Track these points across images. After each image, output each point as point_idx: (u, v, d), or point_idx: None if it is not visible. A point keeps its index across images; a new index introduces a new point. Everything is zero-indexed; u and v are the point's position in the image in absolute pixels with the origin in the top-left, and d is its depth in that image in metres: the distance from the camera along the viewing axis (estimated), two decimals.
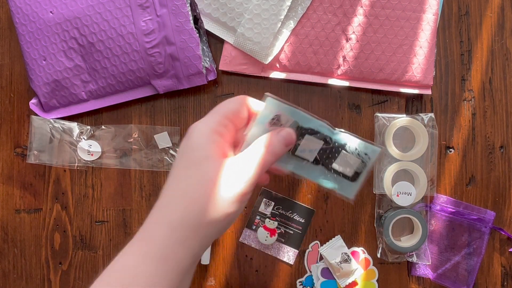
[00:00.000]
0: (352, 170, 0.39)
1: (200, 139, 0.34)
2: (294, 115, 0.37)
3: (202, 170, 0.33)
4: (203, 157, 0.34)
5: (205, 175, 0.33)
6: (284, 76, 0.59)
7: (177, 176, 0.34)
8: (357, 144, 0.38)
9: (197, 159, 0.34)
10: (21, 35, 0.57)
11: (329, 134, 0.38)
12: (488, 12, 0.61)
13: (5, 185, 0.60)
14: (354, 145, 0.38)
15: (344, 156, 0.38)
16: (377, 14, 0.58)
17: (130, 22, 0.55)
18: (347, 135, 0.38)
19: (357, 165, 0.39)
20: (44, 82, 0.57)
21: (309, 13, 0.58)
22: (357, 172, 0.39)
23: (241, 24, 0.57)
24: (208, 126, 0.35)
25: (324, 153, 0.38)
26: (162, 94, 0.60)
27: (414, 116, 0.59)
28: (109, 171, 0.60)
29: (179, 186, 0.34)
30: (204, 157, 0.34)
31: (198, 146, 0.34)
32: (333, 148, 0.38)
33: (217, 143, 0.35)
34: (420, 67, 0.59)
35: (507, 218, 0.61)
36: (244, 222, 0.60)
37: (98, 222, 0.60)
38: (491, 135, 0.61)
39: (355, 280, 0.60)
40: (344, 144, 0.38)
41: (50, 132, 0.59)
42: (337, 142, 0.38)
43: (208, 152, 0.34)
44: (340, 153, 0.38)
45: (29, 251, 0.60)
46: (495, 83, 0.61)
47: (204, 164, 0.34)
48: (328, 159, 0.39)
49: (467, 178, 0.61)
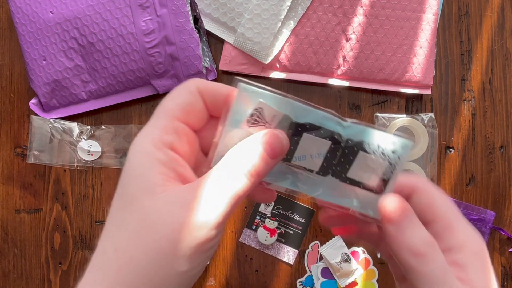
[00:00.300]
0: (377, 178, 0.27)
1: (137, 162, 0.24)
2: (283, 107, 0.26)
3: (141, 211, 0.23)
4: (142, 190, 0.24)
5: (146, 218, 0.23)
6: (284, 76, 0.59)
7: (110, 221, 0.25)
8: (380, 140, 0.26)
9: (134, 193, 0.24)
10: (21, 35, 0.57)
11: (338, 128, 0.26)
12: (488, 12, 0.61)
13: (5, 185, 0.60)
14: (375, 142, 0.26)
15: (363, 158, 0.27)
16: (377, 14, 0.58)
17: (130, 22, 0.55)
18: (363, 127, 0.26)
19: (383, 170, 0.27)
20: (44, 82, 0.57)
21: (309, 13, 0.58)
22: (384, 179, 0.27)
23: (241, 24, 0.57)
24: (148, 139, 0.25)
25: (333, 158, 0.27)
26: (162, 94, 0.60)
27: (414, 116, 0.59)
28: (109, 171, 0.60)
29: (112, 238, 0.24)
30: (144, 189, 0.24)
31: (135, 172, 0.24)
32: (346, 148, 0.27)
33: (164, 162, 0.24)
34: (420, 67, 0.59)
35: (507, 218, 0.61)
36: (244, 222, 0.60)
37: (98, 222, 0.60)
38: (491, 135, 0.61)
39: (355, 280, 0.60)
40: (361, 142, 0.26)
41: (50, 132, 0.59)
42: (351, 140, 0.27)
43: (150, 181, 0.24)
44: (357, 154, 0.27)
45: (29, 251, 0.60)
46: (495, 83, 0.61)
47: (145, 201, 0.23)
48: (341, 166, 0.27)
49: (467, 178, 0.61)
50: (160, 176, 0.24)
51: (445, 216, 0.26)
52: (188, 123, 0.26)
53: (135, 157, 0.25)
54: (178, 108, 0.26)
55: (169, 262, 0.23)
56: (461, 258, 0.25)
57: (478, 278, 0.25)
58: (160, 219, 0.23)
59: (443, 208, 0.26)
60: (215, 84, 0.27)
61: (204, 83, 0.26)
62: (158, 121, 0.26)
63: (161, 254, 0.23)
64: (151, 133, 0.25)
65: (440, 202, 0.26)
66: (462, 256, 0.25)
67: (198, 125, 0.27)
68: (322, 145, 0.27)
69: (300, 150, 0.27)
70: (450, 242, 0.25)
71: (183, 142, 0.26)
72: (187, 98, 0.26)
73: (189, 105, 0.26)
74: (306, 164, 0.27)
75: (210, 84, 0.27)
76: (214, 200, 0.23)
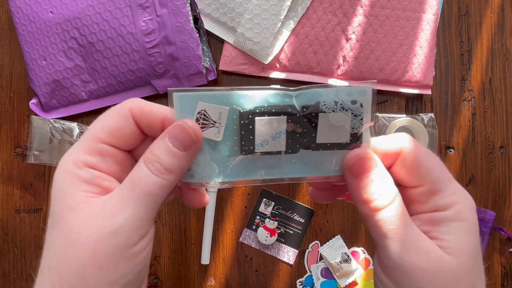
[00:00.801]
0: (348, 133, 0.26)
1: (59, 182, 0.25)
2: (225, 101, 0.25)
3: (65, 228, 0.24)
4: (65, 209, 0.24)
5: (69, 235, 0.23)
6: (284, 76, 0.59)
7: (45, 240, 0.25)
8: (335, 95, 0.26)
9: (59, 212, 0.24)
10: (21, 35, 0.57)
11: (288, 101, 0.26)
12: (488, 12, 0.61)
13: (5, 185, 0.60)
14: (331, 99, 0.26)
15: (325, 120, 0.26)
16: (377, 14, 0.58)
17: (130, 22, 0.55)
18: (313, 89, 0.26)
19: (351, 123, 0.26)
20: (44, 82, 0.57)
21: (309, 13, 0.58)
22: (356, 132, 0.26)
23: (241, 24, 0.57)
24: (71, 159, 0.25)
25: (295, 131, 0.26)
26: (162, 94, 0.60)
27: (414, 116, 0.59)
28: None
29: (45, 257, 0.24)
30: (67, 208, 0.24)
31: (58, 193, 0.25)
32: (304, 117, 0.26)
33: (87, 180, 0.25)
34: (420, 67, 0.59)
35: (507, 218, 0.61)
36: (244, 222, 0.60)
37: None
38: (491, 135, 0.61)
39: (355, 280, 0.60)
40: (316, 104, 0.26)
41: (50, 132, 0.59)
42: (305, 106, 0.26)
43: (73, 199, 0.24)
44: (317, 118, 0.26)
45: (29, 251, 0.60)
46: (495, 83, 0.61)
47: (68, 218, 0.24)
48: (307, 136, 0.26)
49: (467, 178, 0.61)
50: (83, 193, 0.24)
51: (432, 178, 0.26)
52: (116, 145, 0.26)
53: (58, 177, 0.25)
54: (104, 131, 0.25)
55: (95, 273, 0.23)
56: (445, 216, 0.25)
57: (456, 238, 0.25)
58: (81, 233, 0.23)
59: (431, 169, 0.26)
60: (151, 106, 0.26)
61: (139, 105, 0.26)
62: (81, 143, 0.26)
63: (85, 266, 0.23)
64: (73, 154, 0.25)
65: (427, 163, 0.26)
66: (446, 214, 0.25)
67: (129, 146, 0.27)
68: (279, 123, 0.26)
69: (259, 137, 0.26)
70: (437, 203, 0.26)
71: (108, 162, 0.26)
72: (115, 122, 0.26)
73: (116, 129, 0.26)
74: (271, 147, 0.26)
75: (146, 107, 0.26)
76: (125, 204, 0.24)
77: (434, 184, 0.26)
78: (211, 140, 0.26)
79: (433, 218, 0.26)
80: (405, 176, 0.26)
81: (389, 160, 0.27)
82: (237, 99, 0.25)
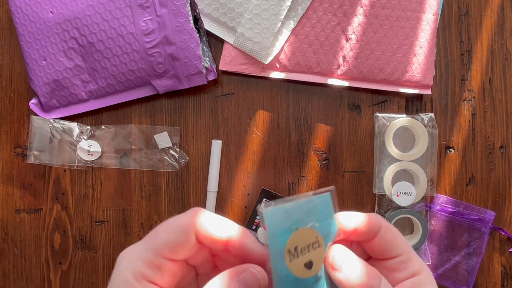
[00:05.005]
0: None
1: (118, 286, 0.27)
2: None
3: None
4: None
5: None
6: (284, 76, 0.59)
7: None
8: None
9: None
10: (21, 35, 0.57)
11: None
12: (488, 12, 0.61)
13: (5, 185, 0.60)
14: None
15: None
16: (377, 14, 0.58)
17: (130, 22, 0.55)
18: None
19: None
20: (44, 82, 0.57)
21: (309, 13, 0.58)
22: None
23: (241, 24, 0.57)
24: (131, 270, 0.27)
25: None
26: (162, 94, 0.60)
27: (414, 116, 0.59)
28: (109, 171, 0.60)
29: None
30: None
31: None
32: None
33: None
34: (420, 67, 0.59)
35: (507, 218, 0.61)
36: (244, 222, 0.60)
37: (98, 222, 0.60)
38: (491, 135, 0.61)
39: None
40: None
41: (50, 132, 0.59)
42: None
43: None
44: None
45: (29, 251, 0.60)
46: (495, 83, 0.61)
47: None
48: None
49: (467, 178, 0.61)
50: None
51: (406, 249, 0.30)
52: (174, 258, 0.27)
53: (117, 279, 0.26)
54: (166, 246, 0.27)
55: None
56: (420, 279, 0.30)
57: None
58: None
59: (404, 243, 0.31)
60: (215, 225, 0.28)
61: (204, 225, 0.27)
62: (145, 253, 0.27)
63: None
64: (135, 263, 0.27)
65: (400, 237, 0.31)
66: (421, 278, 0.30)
67: (185, 257, 0.28)
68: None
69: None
70: (413, 269, 0.30)
71: (165, 275, 0.27)
72: (178, 238, 0.27)
73: (178, 245, 0.27)
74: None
75: (211, 228, 0.27)
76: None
77: (408, 253, 0.30)
78: None
79: (416, 284, 0.29)
80: (385, 249, 0.30)
81: (367, 236, 0.31)
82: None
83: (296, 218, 0.27)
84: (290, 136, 0.61)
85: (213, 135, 0.60)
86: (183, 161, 0.60)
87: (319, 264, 0.28)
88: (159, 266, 0.27)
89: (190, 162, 0.60)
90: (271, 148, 0.60)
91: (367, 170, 0.61)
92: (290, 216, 0.26)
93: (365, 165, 0.61)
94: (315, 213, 0.27)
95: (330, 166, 0.61)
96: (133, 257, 0.27)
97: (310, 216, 0.27)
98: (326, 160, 0.61)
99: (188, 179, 0.60)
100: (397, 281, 0.30)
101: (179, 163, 0.60)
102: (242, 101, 0.61)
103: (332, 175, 0.61)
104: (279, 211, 0.26)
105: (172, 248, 0.27)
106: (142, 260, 0.26)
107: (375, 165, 0.60)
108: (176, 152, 0.60)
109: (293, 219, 0.26)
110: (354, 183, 0.61)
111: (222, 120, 0.60)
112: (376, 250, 0.31)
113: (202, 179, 0.60)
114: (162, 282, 0.27)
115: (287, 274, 0.27)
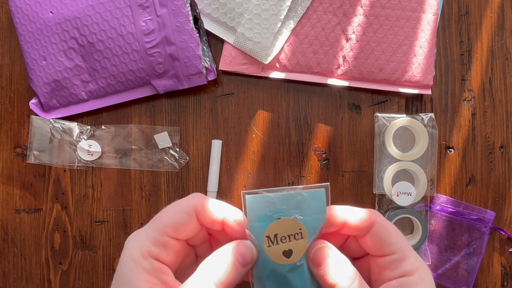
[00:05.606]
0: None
1: (127, 267, 0.28)
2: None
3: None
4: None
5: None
6: (284, 76, 0.59)
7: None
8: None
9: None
10: (21, 35, 0.57)
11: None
12: (488, 12, 0.61)
13: (5, 185, 0.60)
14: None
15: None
16: (377, 14, 0.58)
17: (130, 22, 0.55)
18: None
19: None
20: (44, 82, 0.57)
21: (309, 13, 0.58)
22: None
23: (241, 24, 0.57)
24: (139, 249, 0.28)
25: None
26: (162, 94, 0.60)
27: (414, 116, 0.59)
28: (109, 171, 0.60)
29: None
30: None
31: (124, 278, 0.28)
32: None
33: (149, 271, 0.28)
34: (420, 67, 0.59)
35: (507, 218, 0.61)
36: None
37: (98, 222, 0.60)
38: (491, 135, 0.61)
39: None
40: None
41: (50, 132, 0.59)
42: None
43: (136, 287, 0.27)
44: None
45: (29, 251, 0.60)
46: (495, 83, 0.61)
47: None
48: None
49: (467, 178, 0.61)
50: (145, 283, 0.27)
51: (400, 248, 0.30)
52: (177, 237, 0.30)
53: (125, 264, 0.28)
54: (170, 226, 0.29)
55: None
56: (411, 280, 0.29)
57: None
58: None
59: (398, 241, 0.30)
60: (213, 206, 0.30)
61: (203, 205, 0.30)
62: (149, 234, 0.29)
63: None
64: (142, 242, 0.29)
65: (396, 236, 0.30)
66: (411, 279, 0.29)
67: (188, 237, 0.31)
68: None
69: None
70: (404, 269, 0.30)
71: (169, 253, 0.29)
72: (181, 218, 0.30)
73: (181, 225, 0.30)
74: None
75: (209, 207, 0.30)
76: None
77: (402, 252, 0.30)
78: None
79: (403, 284, 0.29)
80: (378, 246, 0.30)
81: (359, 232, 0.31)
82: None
83: (279, 208, 0.29)
84: (290, 136, 0.61)
85: (213, 135, 0.60)
86: (183, 161, 0.60)
87: (299, 254, 0.29)
88: (164, 244, 0.29)
89: (190, 162, 0.60)
90: (271, 148, 0.61)
91: (367, 170, 0.61)
92: (272, 205, 0.29)
93: (365, 165, 0.61)
94: (303, 206, 0.29)
95: (330, 166, 0.61)
96: (140, 238, 0.29)
97: (296, 209, 0.29)
98: (326, 160, 0.61)
99: (188, 179, 0.60)
100: (386, 279, 0.30)
101: (179, 163, 0.60)
102: (242, 101, 0.61)
103: (332, 175, 0.61)
104: (262, 198, 0.29)
105: (176, 227, 0.29)
106: (149, 239, 0.29)
107: (375, 165, 0.60)
108: (176, 152, 0.60)
109: (276, 209, 0.29)
110: (354, 183, 0.61)
111: (222, 120, 0.60)
112: (369, 247, 0.31)
113: (202, 179, 0.60)
114: (167, 259, 0.29)
115: (265, 258, 0.29)
